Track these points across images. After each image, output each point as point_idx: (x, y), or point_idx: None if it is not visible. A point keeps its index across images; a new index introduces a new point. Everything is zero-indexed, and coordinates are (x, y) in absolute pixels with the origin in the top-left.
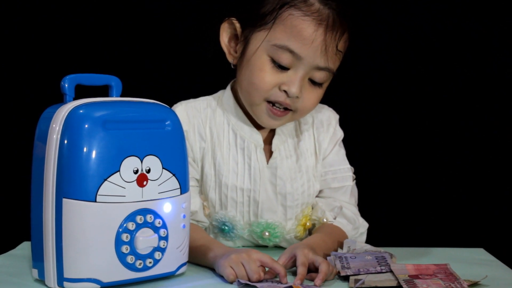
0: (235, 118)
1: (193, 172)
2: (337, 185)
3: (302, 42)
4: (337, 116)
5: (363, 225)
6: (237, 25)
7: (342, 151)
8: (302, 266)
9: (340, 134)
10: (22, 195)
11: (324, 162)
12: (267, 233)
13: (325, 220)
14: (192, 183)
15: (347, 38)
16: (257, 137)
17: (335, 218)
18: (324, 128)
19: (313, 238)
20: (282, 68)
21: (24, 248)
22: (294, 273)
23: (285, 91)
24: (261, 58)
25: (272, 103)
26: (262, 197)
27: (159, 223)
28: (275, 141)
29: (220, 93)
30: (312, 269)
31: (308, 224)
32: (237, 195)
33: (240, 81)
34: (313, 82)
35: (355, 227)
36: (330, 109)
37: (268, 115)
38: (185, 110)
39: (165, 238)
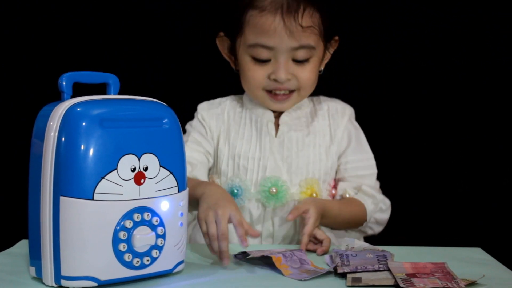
0: (251, 104)
1: (205, 144)
2: (362, 173)
3: (267, 35)
4: (352, 110)
5: (384, 202)
6: (225, 37)
7: (363, 140)
8: (306, 235)
9: (355, 130)
10: (20, 194)
11: (345, 153)
12: (274, 189)
13: (347, 195)
14: (196, 146)
15: (314, 10)
16: (269, 114)
17: (356, 194)
18: (339, 115)
19: (331, 203)
20: (264, 61)
21: (22, 246)
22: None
23: (274, 80)
24: (245, 60)
25: (272, 91)
26: (271, 164)
27: (157, 221)
28: (283, 117)
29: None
30: (313, 241)
31: (314, 195)
32: (248, 163)
33: (242, 83)
34: (298, 60)
35: (374, 202)
36: (346, 103)
37: (273, 102)
38: (206, 103)
39: (163, 236)
